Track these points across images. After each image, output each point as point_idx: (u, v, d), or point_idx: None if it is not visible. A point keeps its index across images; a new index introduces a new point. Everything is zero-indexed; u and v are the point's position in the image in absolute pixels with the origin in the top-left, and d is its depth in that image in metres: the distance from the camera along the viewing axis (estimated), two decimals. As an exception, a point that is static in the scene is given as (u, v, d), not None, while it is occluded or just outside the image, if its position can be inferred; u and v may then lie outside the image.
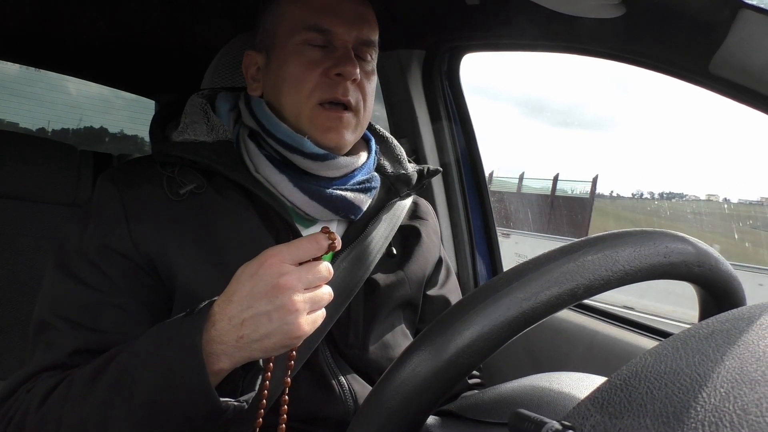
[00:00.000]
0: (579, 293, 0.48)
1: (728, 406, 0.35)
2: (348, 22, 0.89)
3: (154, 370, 0.67)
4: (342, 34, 0.88)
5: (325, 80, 0.87)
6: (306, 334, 0.66)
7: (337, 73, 0.86)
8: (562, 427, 0.38)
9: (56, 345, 0.78)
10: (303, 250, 0.67)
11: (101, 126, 4.29)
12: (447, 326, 0.47)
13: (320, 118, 0.87)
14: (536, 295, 0.47)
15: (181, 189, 0.84)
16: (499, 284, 0.48)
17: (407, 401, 0.46)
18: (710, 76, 0.86)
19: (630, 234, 0.52)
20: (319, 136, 0.87)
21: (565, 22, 0.97)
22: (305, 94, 0.87)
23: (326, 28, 0.88)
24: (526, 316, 0.47)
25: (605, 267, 0.49)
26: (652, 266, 0.51)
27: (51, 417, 0.71)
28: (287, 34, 0.89)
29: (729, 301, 0.58)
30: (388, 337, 0.95)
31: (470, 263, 1.62)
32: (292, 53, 0.88)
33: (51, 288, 0.82)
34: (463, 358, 0.46)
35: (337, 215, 0.92)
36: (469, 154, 1.64)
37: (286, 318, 0.64)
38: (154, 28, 1.78)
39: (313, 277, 0.67)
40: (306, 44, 0.88)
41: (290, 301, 0.64)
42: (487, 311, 0.47)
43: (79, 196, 1.70)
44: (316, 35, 0.88)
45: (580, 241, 0.50)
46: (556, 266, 0.48)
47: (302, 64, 0.87)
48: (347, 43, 0.89)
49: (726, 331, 0.44)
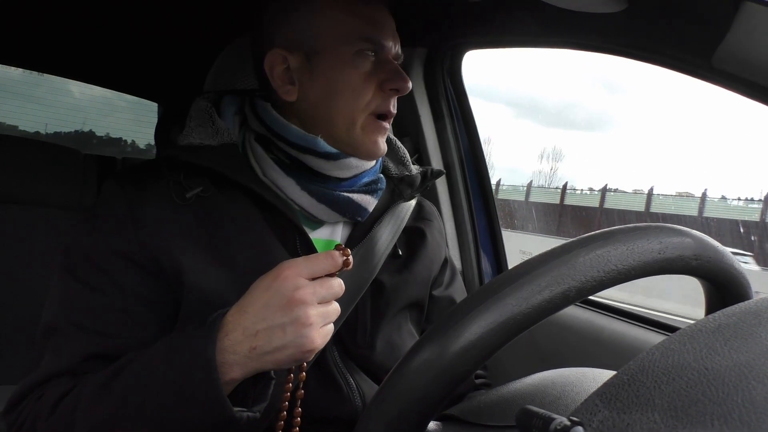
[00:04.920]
0: (571, 296, 0.48)
1: (737, 400, 0.35)
2: (392, 36, 0.91)
3: (166, 379, 0.67)
4: (390, 49, 0.91)
5: (380, 93, 0.89)
6: (318, 347, 0.67)
7: (393, 88, 0.89)
8: (570, 423, 0.38)
9: (65, 350, 0.78)
10: (319, 265, 0.68)
11: (90, 129, 4.31)
12: (442, 333, 0.47)
13: (372, 127, 0.90)
14: (527, 300, 0.47)
15: (188, 193, 0.84)
16: (491, 289, 0.48)
17: (415, 397, 0.46)
18: (713, 70, 0.85)
19: (622, 231, 0.51)
20: (369, 145, 0.90)
21: (567, 18, 0.97)
22: (362, 104, 0.89)
23: (380, 41, 0.89)
24: (517, 322, 0.47)
25: (597, 268, 0.49)
26: (646, 263, 0.51)
27: (61, 424, 0.71)
28: (340, 42, 0.88)
29: (733, 293, 0.58)
30: (395, 338, 0.95)
31: (475, 263, 1.62)
32: (347, 63, 0.88)
33: (58, 293, 0.82)
34: (458, 366, 0.46)
35: (343, 217, 0.92)
36: (473, 152, 1.63)
37: (301, 331, 0.65)
38: (156, 31, 1.78)
39: (327, 292, 0.68)
40: (360, 55, 0.88)
41: (305, 314, 0.65)
42: (479, 318, 0.47)
43: (83, 200, 1.70)
44: (370, 47, 0.89)
45: (571, 242, 0.50)
46: (547, 270, 0.48)
47: (360, 75, 0.88)
48: (393, 57, 0.91)
49: (733, 324, 0.44)
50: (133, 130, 4.04)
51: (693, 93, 31.24)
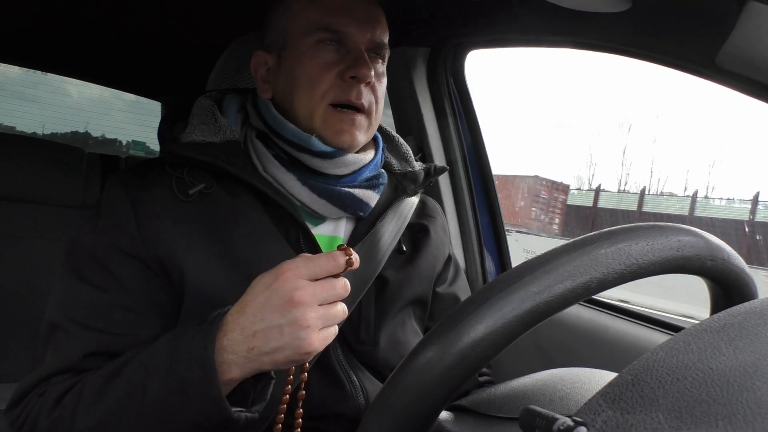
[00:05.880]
0: (593, 287, 0.48)
1: (741, 400, 0.35)
2: (361, 23, 0.89)
3: (165, 377, 0.67)
4: (355, 36, 0.88)
5: (340, 82, 0.87)
6: (317, 350, 0.66)
7: (352, 75, 0.87)
8: (573, 423, 0.38)
9: (67, 348, 0.78)
10: (320, 266, 0.66)
11: (86, 131, 4.33)
12: (459, 321, 0.47)
13: (333, 120, 0.88)
14: (549, 288, 0.47)
15: (190, 189, 0.84)
16: (512, 278, 0.48)
17: (420, 395, 0.46)
18: (717, 70, 0.85)
19: (642, 228, 0.51)
20: (331, 137, 0.88)
21: (571, 17, 0.97)
22: (318, 95, 0.87)
23: (340, 29, 0.88)
24: (539, 310, 0.47)
25: (619, 261, 0.49)
26: (666, 260, 0.51)
27: (62, 422, 0.72)
28: (300, 35, 0.89)
29: (740, 295, 0.58)
30: (399, 334, 0.95)
31: (478, 260, 1.62)
32: (305, 54, 0.88)
33: (61, 290, 0.82)
34: (476, 351, 0.46)
35: (345, 212, 0.92)
36: (476, 150, 1.64)
37: (298, 333, 0.64)
38: (159, 29, 1.78)
39: (328, 293, 0.66)
40: (320, 45, 0.88)
41: (303, 316, 0.64)
42: (500, 305, 0.46)
43: (87, 198, 1.71)
44: (330, 36, 0.88)
45: (592, 235, 0.50)
46: (569, 260, 0.48)
47: (316, 65, 0.87)
48: (361, 44, 0.89)
49: (738, 324, 0.44)
50: (132, 130, 4.05)
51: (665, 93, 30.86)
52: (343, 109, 0.88)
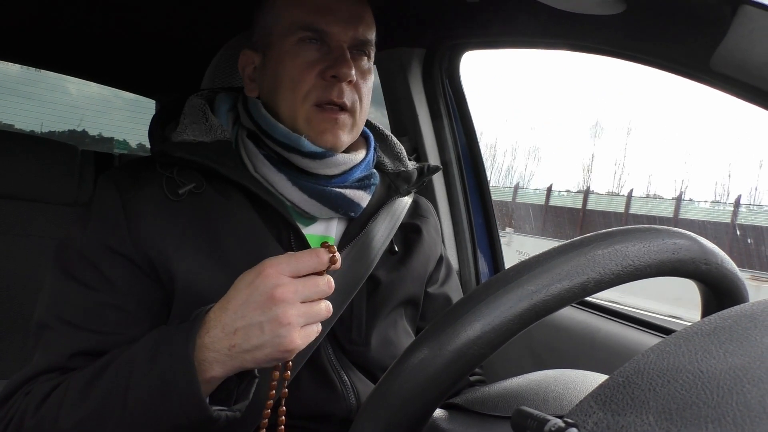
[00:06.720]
0: (589, 287, 0.48)
1: (731, 403, 0.35)
2: (343, 21, 0.88)
3: (147, 376, 0.67)
4: (337, 34, 0.88)
5: (321, 82, 0.87)
6: (298, 348, 0.66)
7: (333, 75, 0.86)
8: (564, 425, 0.38)
9: (55, 347, 0.78)
10: (302, 263, 0.66)
11: (84, 129, 4.32)
12: (457, 318, 0.47)
13: (316, 120, 0.87)
14: (547, 287, 0.47)
15: (180, 189, 0.84)
16: (509, 277, 0.48)
17: (416, 392, 0.46)
18: (711, 73, 0.85)
19: (639, 230, 0.52)
20: (315, 136, 0.87)
21: (566, 19, 0.97)
22: (301, 95, 0.87)
23: (321, 28, 0.87)
24: (536, 309, 0.47)
25: (615, 261, 0.49)
26: (661, 262, 0.51)
27: (47, 420, 0.71)
28: (283, 35, 0.89)
29: (731, 299, 0.58)
30: (391, 335, 0.95)
31: (472, 261, 1.62)
32: (287, 54, 0.88)
33: (51, 289, 0.82)
34: (473, 349, 0.46)
35: (336, 213, 0.92)
36: (470, 151, 1.64)
37: (278, 330, 0.64)
38: (155, 27, 1.78)
39: (311, 291, 0.66)
40: (301, 45, 0.88)
41: (284, 313, 0.63)
42: (498, 303, 0.46)
43: (80, 196, 1.70)
44: (311, 35, 0.87)
45: (590, 236, 0.50)
46: (566, 260, 0.48)
47: (298, 65, 0.87)
48: (343, 43, 0.88)
49: (729, 327, 0.44)
50: (130, 128, 4.04)
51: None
52: (325, 108, 0.88)
